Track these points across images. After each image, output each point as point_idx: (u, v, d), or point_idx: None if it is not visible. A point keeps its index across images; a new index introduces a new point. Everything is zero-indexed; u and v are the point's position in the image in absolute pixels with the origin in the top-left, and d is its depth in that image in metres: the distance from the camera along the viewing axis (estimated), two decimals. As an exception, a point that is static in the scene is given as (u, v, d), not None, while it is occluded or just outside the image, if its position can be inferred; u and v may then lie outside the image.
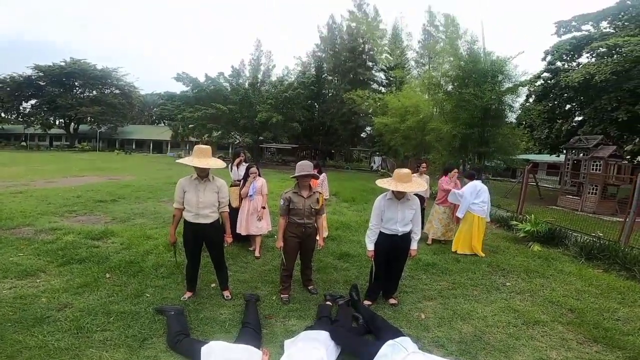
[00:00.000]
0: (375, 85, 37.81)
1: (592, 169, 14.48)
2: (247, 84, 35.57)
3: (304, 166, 4.08)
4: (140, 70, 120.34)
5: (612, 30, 18.05)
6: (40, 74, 47.45)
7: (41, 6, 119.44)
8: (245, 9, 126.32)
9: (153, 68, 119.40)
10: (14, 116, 54.30)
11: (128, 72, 54.93)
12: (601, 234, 7.71)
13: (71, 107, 47.27)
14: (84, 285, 4.34)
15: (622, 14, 17.76)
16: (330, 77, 40.53)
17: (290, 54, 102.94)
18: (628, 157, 17.80)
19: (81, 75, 48.90)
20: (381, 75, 37.84)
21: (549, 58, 19.37)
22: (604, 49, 15.51)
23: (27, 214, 7.85)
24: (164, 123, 51.62)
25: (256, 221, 5.92)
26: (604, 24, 18.85)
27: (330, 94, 39.99)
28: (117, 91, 52.89)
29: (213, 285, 4.56)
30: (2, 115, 53.95)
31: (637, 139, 17.01)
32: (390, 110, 22.71)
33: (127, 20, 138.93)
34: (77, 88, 51.68)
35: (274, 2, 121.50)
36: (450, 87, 21.37)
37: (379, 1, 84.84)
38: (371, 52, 37.87)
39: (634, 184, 7.80)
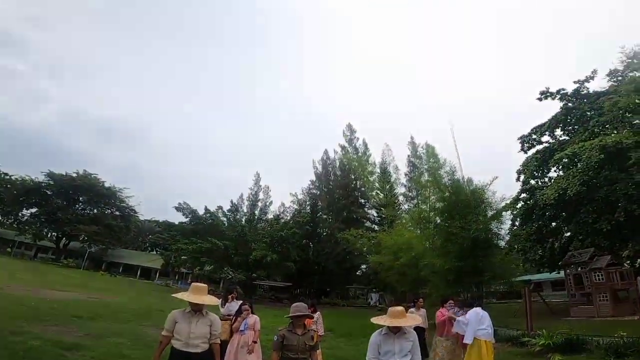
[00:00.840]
0: (368, 223, 38.86)
1: (595, 280, 14.59)
2: (244, 220, 36.97)
3: (299, 307, 4.24)
4: (144, 189, 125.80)
5: (567, 137, 19.83)
6: (51, 182, 48.29)
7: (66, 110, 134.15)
8: (247, 140, 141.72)
9: (155, 191, 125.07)
10: (10, 221, 53.10)
11: (132, 195, 56.02)
12: (624, 333, 7.56)
13: (69, 222, 46.84)
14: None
15: (569, 117, 19.82)
16: (325, 216, 41.60)
17: (288, 181, 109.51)
18: (627, 262, 17.49)
19: (88, 191, 50.04)
20: (373, 212, 39.49)
21: (522, 177, 20.79)
22: (566, 159, 16.74)
23: (-7, 315, 7.32)
24: (156, 251, 50.79)
25: (246, 354, 5.80)
26: (558, 131, 20.79)
27: (325, 233, 40.44)
28: (118, 213, 53.52)
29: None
30: (0, 218, 52.86)
31: (630, 243, 16.79)
32: (384, 248, 23.26)
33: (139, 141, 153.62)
34: (80, 203, 52.37)
35: (274, 136, 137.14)
36: (438, 220, 22.74)
37: (368, 133, 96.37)
38: (363, 189, 39.83)
39: (636, 287, 8.00)
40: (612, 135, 14.86)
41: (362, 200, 41.18)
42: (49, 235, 51.93)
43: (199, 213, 35.29)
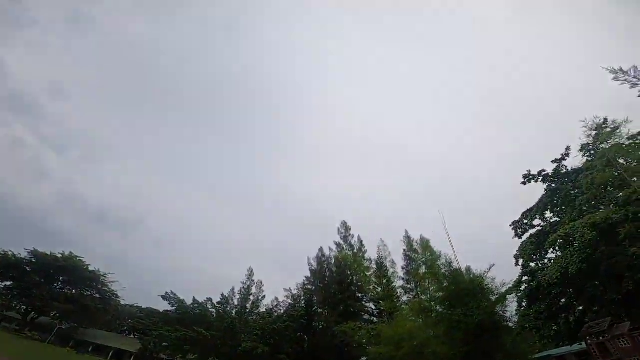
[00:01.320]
0: (366, 316, 36.77)
1: (622, 346, 14.40)
2: (234, 312, 35.92)
3: None
4: (131, 276, 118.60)
5: (557, 218, 20.09)
6: (34, 260, 47.30)
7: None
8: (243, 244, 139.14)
9: (142, 278, 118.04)
10: (-20, 290, 49.73)
11: (116, 280, 54.76)
12: None
13: (43, 299, 44.40)
14: None
15: (555, 199, 20.26)
16: (320, 310, 39.54)
17: (282, 277, 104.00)
18: None
19: (71, 272, 48.49)
20: (371, 305, 37.65)
21: (521, 262, 20.71)
22: (561, 240, 17.03)
23: None
24: (134, 335, 47.13)
25: None
26: (548, 213, 21.03)
27: (321, 327, 38.14)
28: (97, 295, 50.78)
29: None
30: (-29, 286, 49.09)
31: None
32: (384, 339, 22.37)
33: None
34: (59, 283, 50.10)
35: (269, 232, 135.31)
36: (439, 308, 22.11)
37: (362, 230, 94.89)
38: (359, 284, 38.84)
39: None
40: (600, 211, 15.62)
41: (360, 294, 39.64)
42: (17, 308, 49.32)
43: (187, 303, 34.87)
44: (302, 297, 41.00)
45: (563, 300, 19.31)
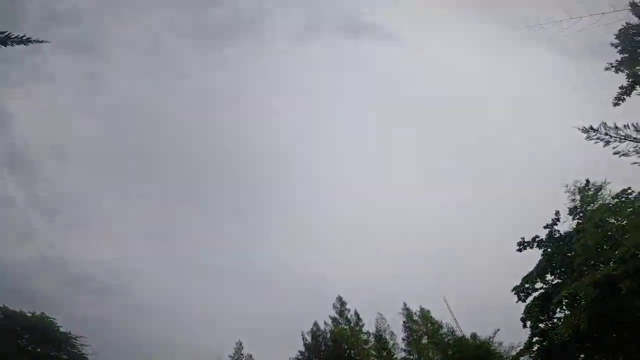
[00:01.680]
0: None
1: None
2: None
3: None
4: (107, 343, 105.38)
5: (559, 280, 20.08)
6: (1, 316, 42.70)
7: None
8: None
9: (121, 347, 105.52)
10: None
11: (89, 344, 51.32)
12: None
13: (4, 353, 39.62)
14: None
15: (553, 262, 20.20)
16: None
17: (273, 351, 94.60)
18: None
19: (39, 332, 44.56)
20: (372, 379, 35.73)
21: (528, 323, 20.37)
22: (567, 300, 17.08)
23: None
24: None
25: None
26: (548, 276, 20.90)
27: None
28: (65, 357, 47.23)
29: None
30: None
31: None
32: None
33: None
34: (25, 340, 47.02)
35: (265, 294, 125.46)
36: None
37: (358, 302, 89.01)
38: (358, 358, 36.88)
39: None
40: (600, 269, 16.43)
41: (359, 368, 37.78)
42: (-26, 359, 44.89)
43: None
44: (298, 374, 38.64)
45: (582, 356, 18.86)
